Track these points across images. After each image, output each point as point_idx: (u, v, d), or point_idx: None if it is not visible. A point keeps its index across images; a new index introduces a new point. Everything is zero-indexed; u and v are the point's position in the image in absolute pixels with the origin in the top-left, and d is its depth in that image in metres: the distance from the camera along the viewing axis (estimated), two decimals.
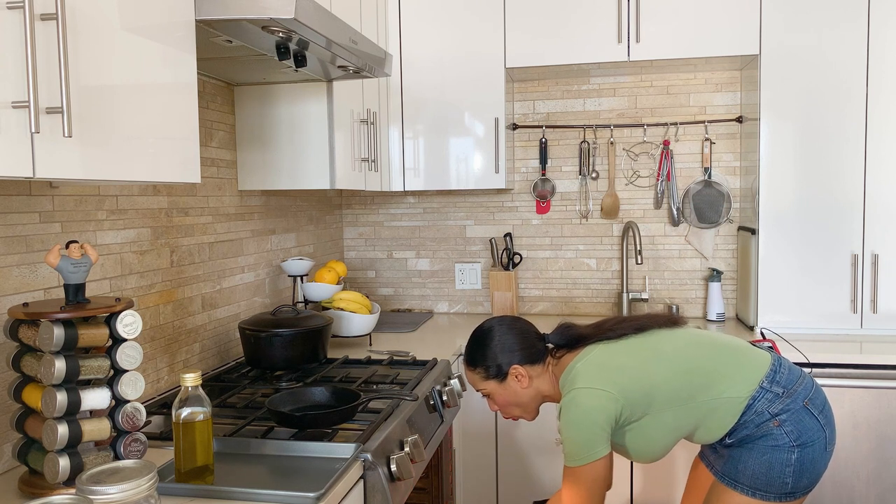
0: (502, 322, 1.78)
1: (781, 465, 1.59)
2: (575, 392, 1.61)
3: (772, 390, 1.62)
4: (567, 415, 1.60)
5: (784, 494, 1.60)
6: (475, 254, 3.35)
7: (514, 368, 1.73)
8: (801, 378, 1.66)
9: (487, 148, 2.92)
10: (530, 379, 1.74)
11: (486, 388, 1.77)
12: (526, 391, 1.75)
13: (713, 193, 3.07)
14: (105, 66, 1.19)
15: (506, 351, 1.74)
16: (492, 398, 1.79)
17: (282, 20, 1.51)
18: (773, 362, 1.67)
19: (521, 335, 1.76)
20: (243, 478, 1.40)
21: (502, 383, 1.75)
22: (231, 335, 2.36)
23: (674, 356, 1.65)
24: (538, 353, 1.76)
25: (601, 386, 1.60)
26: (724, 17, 2.71)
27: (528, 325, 1.79)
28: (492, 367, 1.74)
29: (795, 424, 1.60)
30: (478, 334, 1.79)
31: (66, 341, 1.27)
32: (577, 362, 1.67)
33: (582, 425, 1.58)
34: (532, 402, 1.78)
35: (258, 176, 2.38)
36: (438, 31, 2.91)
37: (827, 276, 2.67)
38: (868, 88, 2.60)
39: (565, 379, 1.68)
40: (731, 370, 1.64)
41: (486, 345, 1.76)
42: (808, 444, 1.60)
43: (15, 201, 1.50)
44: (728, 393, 1.62)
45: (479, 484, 2.70)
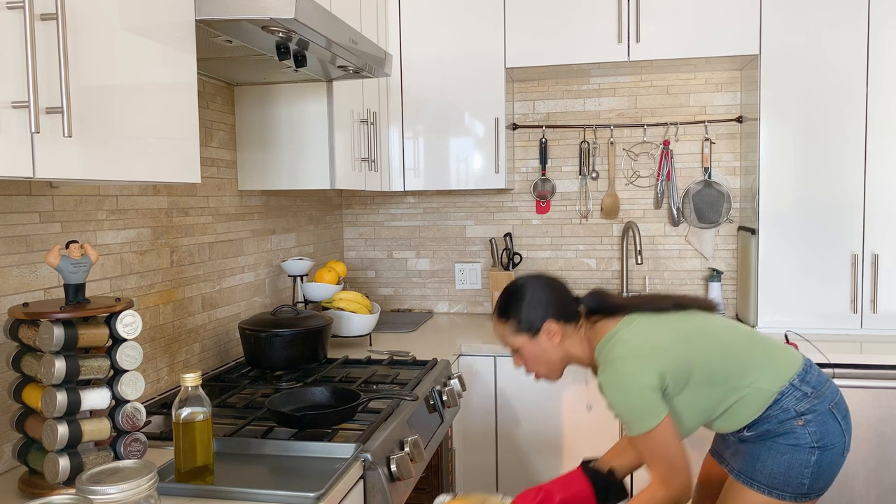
0: (537, 278, 1.74)
1: (800, 466, 1.59)
2: (619, 361, 1.58)
3: (801, 389, 1.62)
4: (615, 385, 1.56)
5: (800, 495, 1.61)
6: (475, 254, 3.35)
7: (548, 324, 1.69)
8: (829, 382, 1.67)
9: (487, 148, 2.92)
10: (562, 337, 1.71)
11: (515, 342, 1.73)
12: (556, 349, 1.71)
13: (713, 193, 3.07)
14: (105, 66, 1.19)
15: (540, 305, 1.69)
16: (520, 353, 1.74)
17: (282, 20, 1.51)
18: (805, 362, 1.67)
19: (557, 292, 1.72)
20: (243, 478, 1.40)
21: (533, 338, 1.70)
22: (231, 335, 2.36)
23: (715, 336, 1.65)
24: (572, 313, 1.72)
25: (645, 355, 1.58)
26: (724, 17, 2.71)
27: (563, 284, 1.75)
28: (524, 321, 1.70)
29: (819, 426, 1.60)
30: (512, 288, 1.74)
31: (66, 341, 1.27)
32: (619, 330, 1.64)
33: (633, 391, 1.54)
34: (560, 363, 1.74)
35: (258, 176, 2.38)
36: (438, 31, 2.91)
37: (827, 276, 2.67)
38: (868, 88, 2.60)
39: (604, 346, 1.64)
40: (765, 362, 1.63)
41: (520, 297, 1.71)
42: (829, 447, 1.60)
43: (15, 201, 1.50)
44: (759, 383, 1.61)
45: (479, 484, 2.70)
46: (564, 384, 2.60)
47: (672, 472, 1.55)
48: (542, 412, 2.63)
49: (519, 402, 2.64)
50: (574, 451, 2.61)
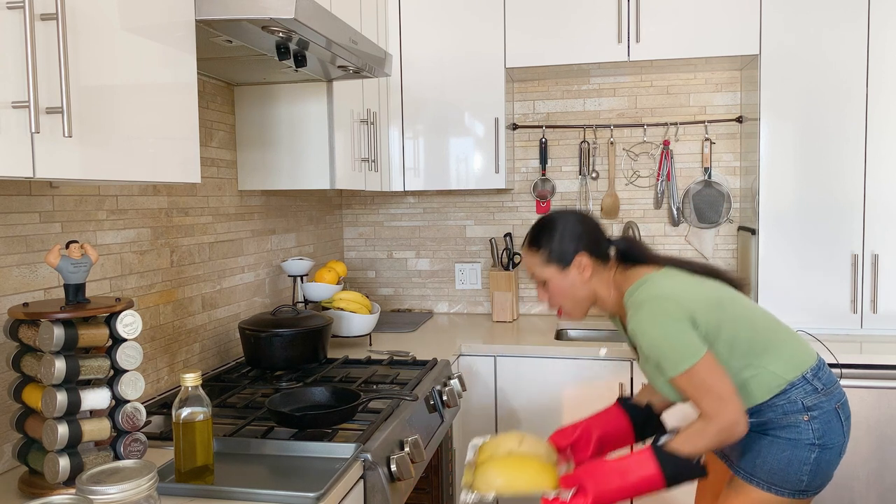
0: (572, 212, 1.72)
1: (800, 463, 1.59)
2: (656, 300, 1.56)
3: (812, 384, 1.62)
4: (653, 321, 1.54)
5: (798, 491, 1.61)
6: (475, 254, 3.35)
7: (580, 257, 1.67)
8: (838, 384, 1.67)
9: (487, 148, 2.92)
10: (592, 273, 1.69)
11: (543, 273, 1.71)
12: (584, 285, 1.70)
13: (713, 193, 3.07)
14: (105, 66, 1.19)
15: (573, 238, 1.68)
16: (546, 286, 1.72)
17: (282, 20, 1.51)
18: (819, 359, 1.67)
19: (592, 227, 1.71)
20: (243, 478, 1.40)
21: (563, 271, 1.69)
22: (231, 335, 2.36)
23: (746, 309, 1.64)
24: (603, 252, 1.71)
25: (681, 299, 1.57)
26: (724, 17, 2.71)
27: (598, 222, 1.74)
28: (556, 251, 1.68)
29: (823, 423, 1.60)
30: (545, 219, 1.72)
31: (66, 341, 1.27)
32: (654, 276, 1.63)
33: (672, 327, 1.53)
34: (585, 300, 1.72)
35: (258, 176, 2.38)
36: (438, 31, 2.91)
37: (827, 276, 2.67)
38: (868, 88, 2.60)
39: (636, 289, 1.62)
40: (785, 349, 1.63)
41: (554, 227, 1.70)
42: (829, 446, 1.60)
43: (15, 201, 1.50)
44: (773, 367, 1.61)
45: None
46: (564, 385, 2.60)
47: (722, 405, 1.51)
48: (542, 412, 2.63)
49: (519, 402, 2.64)
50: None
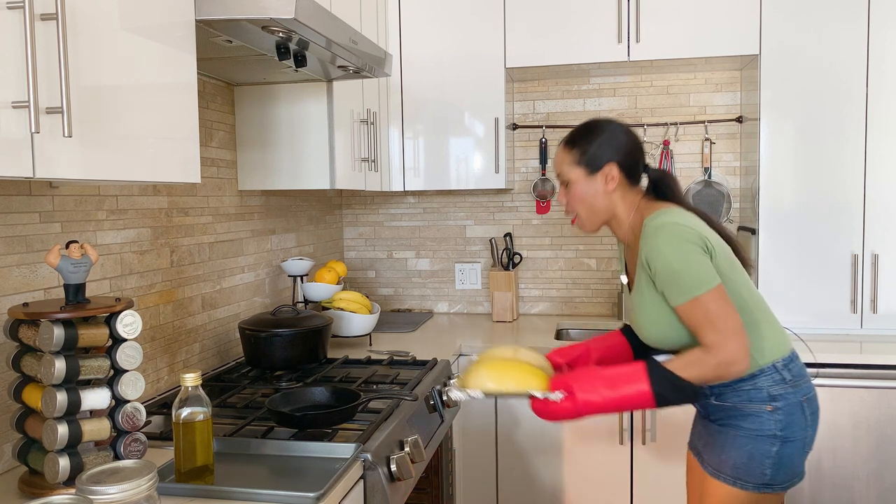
0: (621, 123, 1.70)
1: (762, 456, 1.60)
2: (676, 225, 1.54)
3: (781, 373, 1.62)
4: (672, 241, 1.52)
5: (763, 485, 1.61)
6: (475, 254, 3.35)
7: (610, 167, 1.66)
8: (808, 378, 1.67)
9: (487, 148, 2.92)
10: (616, 188, 1.67)
11: (570, 174, 1.69)
12: (605, 196, 1.68)
13: (713, 193, 3.07)
14: (105, 67, 1.19)
15: (611, 148, 1.66)
16: (569, 187, 1.70)
17: (282, 20, 1.51)
18: (793, 351, 1.67)
19: (633, 145, 1.69)
20: (243, 478, 1.40)
21: (590, 176, 1.67)
22: (231, 335, 2.36)
23: (747, 281, 1.65)
24: (636, 173, 1.70)
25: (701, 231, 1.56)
26: (724, 17, 2.71)
27: (642, 143, 1.72)
28: (589, 154, 1.66)
29: (787, 415, 1.60)
30: (592, 122, 1.71)
31: (66, 341, 1.27)
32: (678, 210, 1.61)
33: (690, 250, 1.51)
34: (602, 213, 1.70)
35: (258, 176, 2.38)
36: (438, 31, 2.91)
37: (827, 276, 2.67)
38: (868, 88, 2.60)
39: (658, 215, 1.59)
40: (765, 332, 1.63)
41: (595, 131, 1.68)
42: (791, 439, 1.60)
43: (15, 201, 1.50)
44: (750, 346, 1.60)
45: (479, 484, 2.70)
46: None
47: (726, 339, 1.49)
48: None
49: (519, 402, 2.64)
50: (574, 451, 2.61)
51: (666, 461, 2.58)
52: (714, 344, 1.50)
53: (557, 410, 1.53)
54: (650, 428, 2.56)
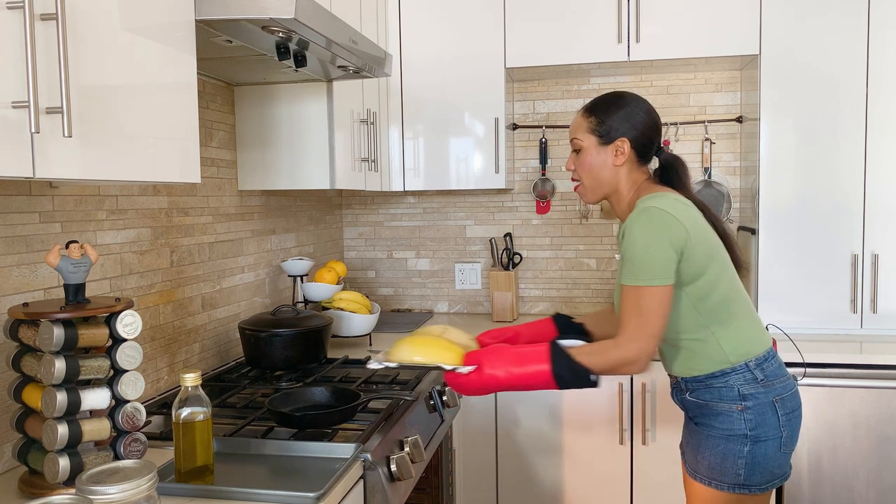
0: (645, 101, 1.71)
1: (734, 457, 1.60)
2: (660, 210, 1.55)
3: (753, 372, 1.62)
4: (646, 226, 1.54)
5: (737, 485, 1.61)
6: (475, 254, 3.35)
7: (623, 141, 1.67)
8: (785, 378, 1.66)
9: (487, 148, 2.92)
10: (624, 163, 1.69)
11: (583, 140, 1.70)
12: (611, 170, 1.69)
13: (713, 193, 3.07)
14: (105, 66, 1.19)
15: (629, 122, 1.67)
16: (579, 154, 1.72)
17: (282, 20, 1.51)
18: (769, 350, 1.67)
19: (651, 125, 1.70)
20: (243, 478, 1.40)
21: (601, 146, 1.68)
22: (231, 335, 2.36)
23: (731, 277, 1.66)
24: (647, 153, 1.71)
25: (684, 221, 1.56)
26: (724, 17, 2.71)
27: (660, 126, 1.73)
28: (605, 125, 1.68)
29: (757, 415, 1.60)
30: (617, 94, 1.72)
31: (66, 341, 1.27)
32: (673, 195, 1.63)
33: (662, 244, 1.53)
34: (606, 185, 1.71)
35: (258, 176, 2.38)
36: (438, 31, 2.91)
37: (827, 276, 2.67)
38: (868, 88, 2.60)
39: (650, 197, 1.61)
40: (742, 329, 1.64)
41: (617, 104, 1.69)
42: (763, 439, 1.60)
43: (15, 201, 1.50)
44: (724, 342, 1.62)
45: (479, 484, 2.70)
46: None
47: (638, 335, 1.53)
48: (542, 412, 2.63)
49: (519, 402, 2.64)
50: (574, 451, 2.62)
51: (666, 461, 2.58)
52: (628, 336, 1.53)
53: (465, 383, 1.59)
54: (650, 428, 2.56)
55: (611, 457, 2.59)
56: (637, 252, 1.54)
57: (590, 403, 2.59)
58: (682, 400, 1.71)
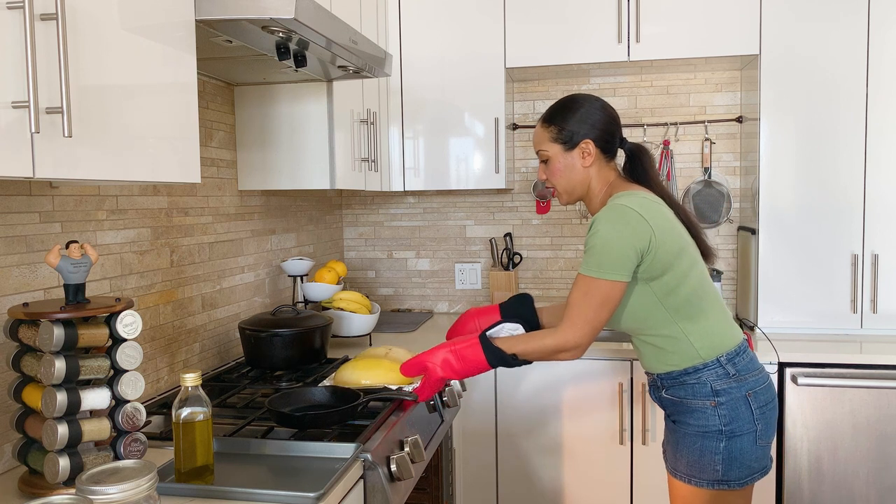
0: (597, 99, 1.75)
1: (711, 453, 1.61)
2: (627, 208, 1.58)
3: (725, 367, 1.63)
4: (609, 220, 1.57)
5: (716, 482, 1.62)
6: (475, 254, 3.35)
7: (587, 143, 1.70)
8: (758, 372, 1.67)
9: (487, 148, 2.92)
10: (593, 163, 1.72)
11: (548, 150, 1.74)
12: (582, 171, 1.72)
13: (713, 193, 3.07)
14: (105, 66, 1.19)
15: (588, 123, 1.71)
16: (548, 164, 1.75)
17: (282, 20, 1.51)
18: (740, 344, 1.68)
19: (609, 120, 1.73)
20: (243, 478, 1.40)
21: (567, 151, 1.72)
22: (231, 335, 2.36)
23: (700, 274, 1.67)
24: (612, 149, 1.74)
25: (652, 223, 1.58)
26: (724, 17, 2.71)
27: (618, 119, 1.76)
28: (566, 131, 1.71)
29: (730, 410, 1.61)
30: (569, 98, 1.75)
31: (66, 341, 1.27)
32: (643, 193, 1.65)
33: (620, 237, 1.55)
34: (578, 185, 1.75)
35: (258, 176, 2.38)
36: (438, 31, 2.91)
37: (827, 276, 2.67)
38: (868, 88, 2.60)
39: (621, 195, 1.64)
40: (712, 325, 1.65)
41: (572, 108, 1.72)
42: (738, 433, 1.61)
43: (15, 201, 1.50)
44: (693, 338, 1.63)
45: (479, 484, 2.70)
46: (564, 385, 2.60)
47: (581, 324, 1.58)
48: (542, 412, 2.63)
49: (519, 402, 2.64)
50: (574, 451, 2.62)
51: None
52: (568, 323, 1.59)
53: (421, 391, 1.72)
54: (650, 428, 2.56)
55: (611, 457, 2.59)
56: (597, 244, 1.57)
57: (590, 403, 2.59)
58: (660, 398, 1.74)
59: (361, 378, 1.87)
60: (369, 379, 1.87)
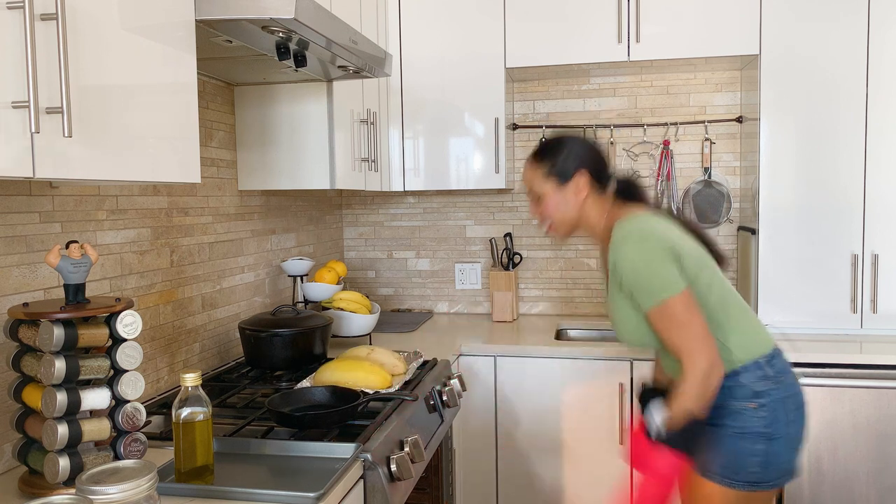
0: (580, 137, 1.77)
1: (749, 454, 1.61)
2: (643, 230, 1.58)
3: (764, 369, 1.63)
4: (639, 247, 1.56)
5: (751, 483, 1.62)
6: (475, 254, 3.35)
7: (580, 176, 1.71)
8: (792, 374, 1.68)
9: (487, 148, 2.92)
10: (587, 196, 1.73)
11: (541, 188, 1.75)
12: (577, 205, 1.73)
13: (713, 193, 3.07)
14: (105, 66, 1.19)
15: (578, 158, 1.72)
16: (541, 200, 1.76)
17: (282, 20, 1.51)
18: (775, 346, 1.69)
19: (597, 154, 1.75)
20: (243, 478, 1.40)
21: (560, 186, 1.73)
22: (231, 335, 2.36)
23: (722, 281, 1.67)
24: (604, 179, 1.75)
25: (668, 236, 1.59)
26: (724, 17, 2.71)
27: (604, 152, 1.77)
28: (558, 166, 1.72)
29: (771, 412, 1.61)
30: (554, 138, 1.77)
31: (66, 341, 1.27)
32: (648, 215, 1.65)
33: (655, 255, 1.55)
34: (575, 219, 1.75)
35: (258, 176, 2.38)
36: (438, 31, 2.91)
37: (827, 276, 2.67)
38: (868, 88, 2.60)
39: (628, 220, 1.64)
40: (744, 329, 1.65)
41: (561, 145, 1.74)
42: (776, 436, 1.61)
43: (15, 201, 1.50)
44: (729, 344, 1.63)
45: (479, 484, 2.70)
46: (564, 385, 2.60)
47: (690, 342, 1.54)
48: (542, 412, 2.63)
49: (519, 402, 2.64)
50: (574, 451, 2.61)
51: None
52: (687, 352, 1.55)
53: None
54: None
55: (611, 457, 2.59)
56: (642, 274, 1.56)
57: (590, 403, 2.59)
58: None
59: (340, 380, 1.86)
60: (348, 381, 1.85)
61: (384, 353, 1.99)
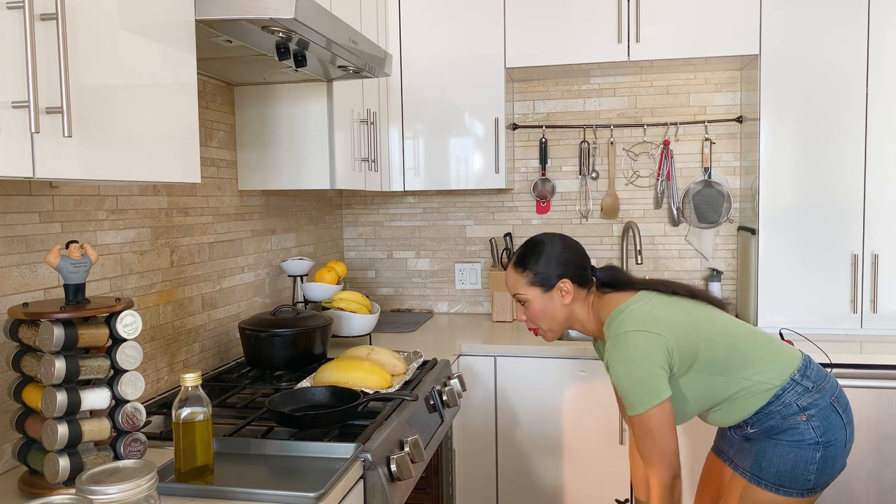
0: (561, 237, 1.78)
1: (806, 463, 1.61)
2: (629, 335, 1.61)
3: (802, 384, 1.64)
4: (623, 359, 1.59)
5: (806, 490, 1.63)
6: (475, 254, 3.35)
7: (564, 282, 1.73)
8: (828, 377, 1.69)
9: (487, 148, 2.92)
10: (573, 299, 1.75)
11: (526, 294, 1.76)
12: (563, 309, 1.76)
13: (713, 193, 3.07)
14: (105, 66, 1.19)
15: (560, 263, 1.74)
16: (527, 306, 1.78)
17: (282, 20, 1.51)
18: (804, 358, 1.70)
19: (576, 254, 1.77)
20: (243, 478, 1.40)
21: (546, 293, 1.75)
22: (231, 335, 2.36)
23: (722, 327, 1.68)
24: (586, 278, 1.77)
25: (655, 330, 1.60)
26: (724, 17, 2.71)
27: (582, 249, 1.80)
28: (542, 274, 1.74)
29: (822, 420, 1.62)
30: (533, 241, 1.79)
31: (66, 341, 1.27)
32: (631, 305, 1.67)
33: (640, 367, 1.57)
34: (564, 322, 1.78)
35: (258, 176, 2.38)
36: (438, 31, 2.91)
37: (827, 276, 2.67)
38: (868, 88, 2.60)
39: (614, 319, 1.67)
40: (767, 356, 1.66)
41: (541, 251, 1.75)
42: (832, 442, 1.62)
43: (15, 201, 1.50)
44: (760, 377, 1.64)
45: (479, 484, 2.70)
46: (563, 383, 2.60)
47: (659, 456, 1.59)
48: (542, 412, 2.63)
49: (519, 402, 2.64)
50: (574, 451, 2.61)
51: None
52: (649, 459, 1.60)
53: None
54: None
55: (611, 457, 2.59)
56: (625, 385, 1.60)
57: (590, 403, 2.59)
58: (744, 434, 1.72)
59: (340, 380, 1.86)
60: (348, 381, 1.85)
61: (384, 353, 1.99)
